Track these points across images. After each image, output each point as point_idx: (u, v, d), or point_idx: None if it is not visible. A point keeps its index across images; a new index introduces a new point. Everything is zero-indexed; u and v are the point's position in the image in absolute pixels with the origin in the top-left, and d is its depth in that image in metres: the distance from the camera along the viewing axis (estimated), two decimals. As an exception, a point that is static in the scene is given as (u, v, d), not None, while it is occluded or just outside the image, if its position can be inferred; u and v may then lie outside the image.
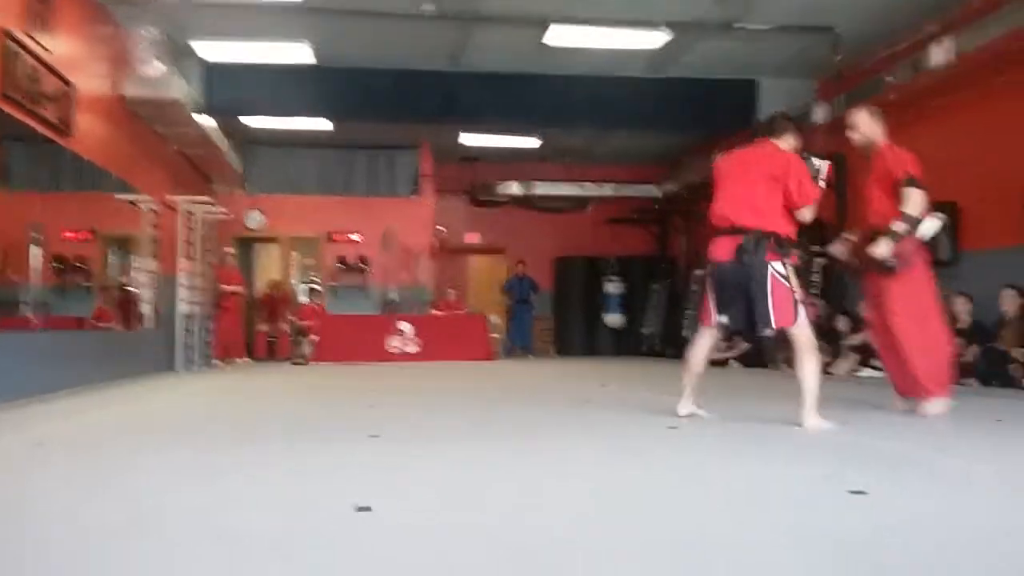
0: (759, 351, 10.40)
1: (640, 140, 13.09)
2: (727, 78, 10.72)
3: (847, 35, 9.25)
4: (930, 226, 4.56)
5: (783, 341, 4.60)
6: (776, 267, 4.13)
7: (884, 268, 4.49)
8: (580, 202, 15.24)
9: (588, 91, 10.68)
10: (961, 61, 7.61)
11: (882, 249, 4.40)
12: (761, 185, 4.21)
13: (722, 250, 4.25)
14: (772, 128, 4.43)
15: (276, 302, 13.48)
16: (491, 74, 10.54)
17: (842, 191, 10.19)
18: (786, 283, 4.12)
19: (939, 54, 7.75)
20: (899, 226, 4.45)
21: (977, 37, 7.33)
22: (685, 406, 4.49)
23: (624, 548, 1.97)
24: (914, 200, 4.47)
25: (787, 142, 4.35)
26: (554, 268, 15.71)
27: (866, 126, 4.84)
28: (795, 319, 4.13)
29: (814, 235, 10.46)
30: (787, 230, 4.20)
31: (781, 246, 4.15)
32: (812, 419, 4.12)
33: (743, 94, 10.85)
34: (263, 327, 13.39)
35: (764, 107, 10.77)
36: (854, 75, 9.51)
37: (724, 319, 4.31)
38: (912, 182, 4.51)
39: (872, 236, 4.51)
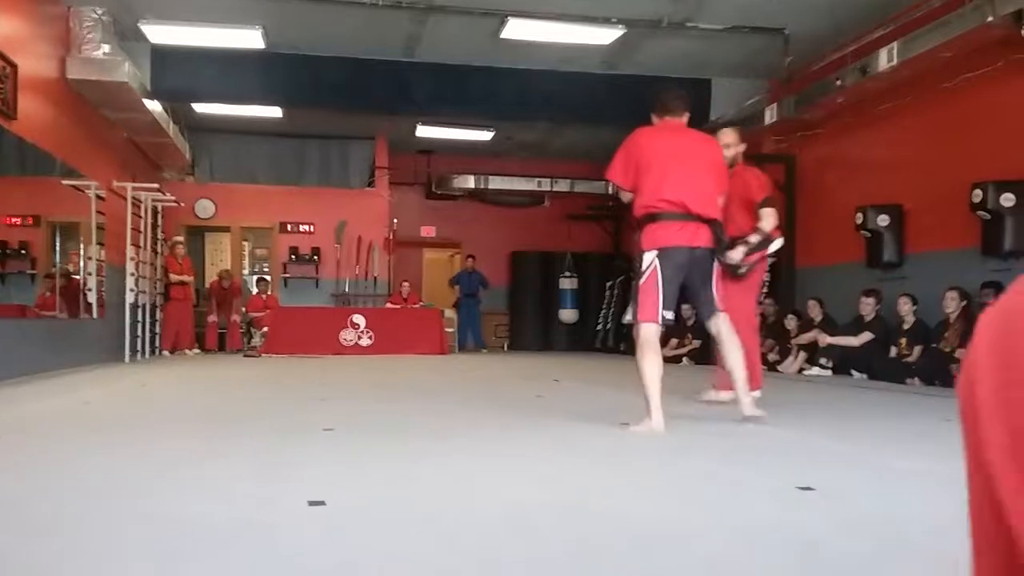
0: (709, 349, 10.54)
1: (595, 136, 13.14)
2: (680, 76, 10.81)
3: (798, 37, 9.40)
4: (776, 243, 5.00)
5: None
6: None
7: (734, 272, 4.73)
8: (537, 197, 15.26)
9: (544, 86, 10.70)
10: (906, 66, 7.78)
11: (736, 255, 4.58)
12: (708, 175, 4.23)
13: (697, 236, 4.11)
14: (687, 107, 4.44)
15: (226, 293, 13.30)
16: (447, 66, 10.49)
17: (791, 192, 10.37)
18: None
19: (885, 59, 7.91)
20: (754, 238, 4.72)
21: (921, 43, 7.50)
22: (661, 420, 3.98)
23: (572, 544, 1.99)
24: (769, 218, 4.78)
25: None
26: (510, 263, 15.73)
27: (736, 145, 5.26)
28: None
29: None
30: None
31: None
32: (749, 405, 4.28)
33: (696, 93, 10.94)
34: (213, 318, 13.19)
35: (717, 106, 10.90)
36: (804, 77, 9.67)
37: (670, 315, 4.11)
38: (768, 201, 4.88)
39: (730, 243, 4.63)
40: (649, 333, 4.04)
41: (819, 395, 6.38)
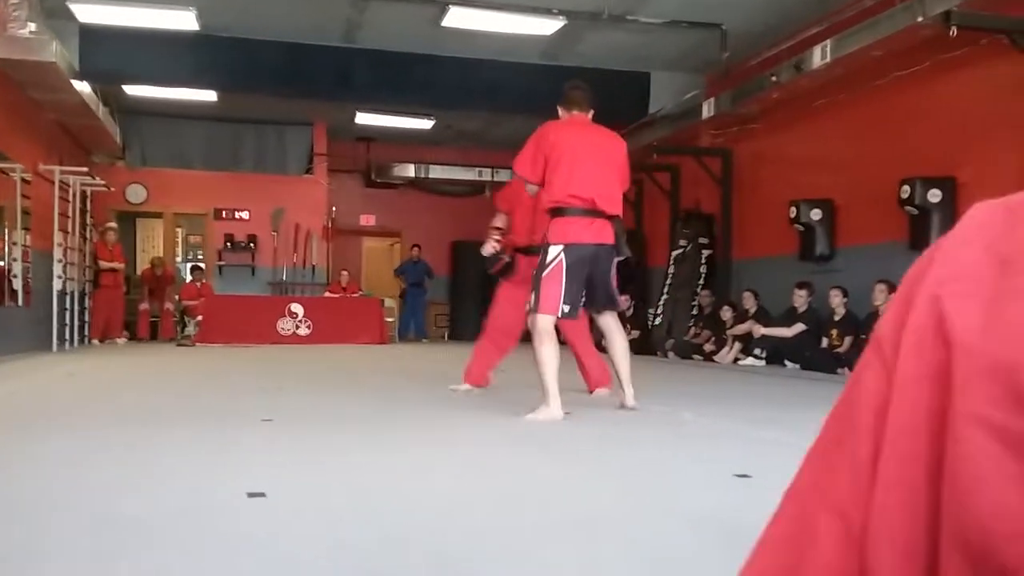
0: (647, 339, 10.68)
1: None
2: (621, 69, 10.90)
3: (735, 33, 9.55)
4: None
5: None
6: None
7: (490, 264, 5.20)
8: (477, 187, 15.22)
9: (484, 75, 10.66)
10: (839, 63, 7.96)
11: (487, 248, 5.05)
12: (614, 172, 4.32)
13: (603, 233, 4.20)
14: (592, 103, 4.49)
15: (159, 280, 12.99)
16: (387, 53, 10.37)
17: (728, 186, 10.55)
18: None
19: (819, 56, 8.08)
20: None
21: (853, 42, 7.68)
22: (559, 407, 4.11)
23: (513, 530, 2.00)
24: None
25: None
26: (451, 252, 15.66)
27: None
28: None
29: (701, 227, 10.82)
30: None
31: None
32: (631, 396, 4.43)
33: (636, 86, 11.05)
34: (145, 306, 12.87)
35: (656, 100, 11.01)
36: (740, 72, 9.83)
37: (567, 308, 4.17)
38: None
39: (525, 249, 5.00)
40: (547, 323, 4.16)
41: (753, 385, 6.52)
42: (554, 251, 4.13)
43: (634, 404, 4.41)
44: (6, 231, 9.01)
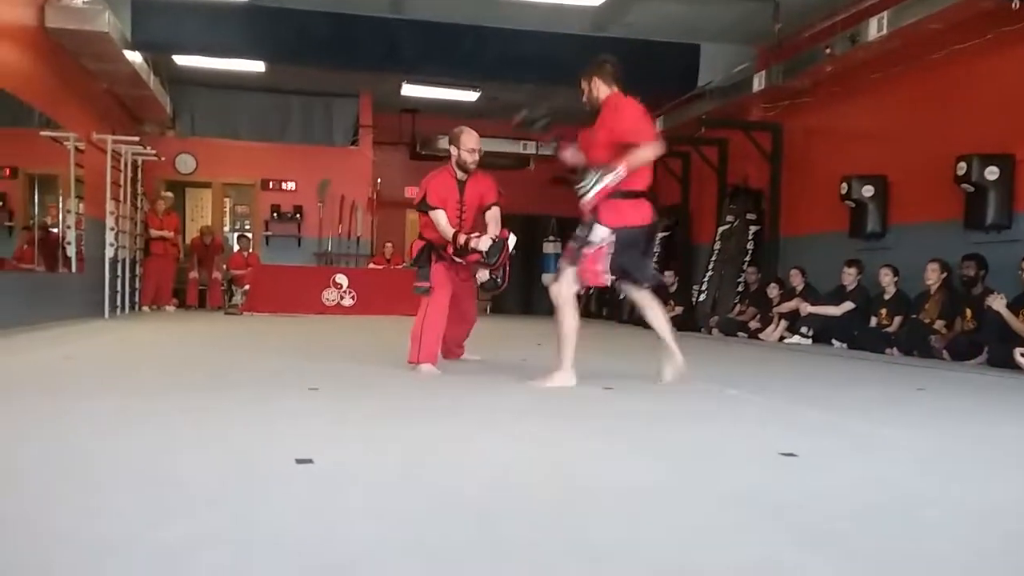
0: (691, 316, 10.59)
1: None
2: (670, 41, 10.73)
3: (788, 4, 9.34)
4: (512, 240, 5.10)
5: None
6: None
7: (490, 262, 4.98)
8: (522, 160, 15.16)
9: (531, 46, 10.57)
10: (896, 36, 7.75)
11: (483, 242, 4.89)
12: None
13: (648, 214, 4.32)
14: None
15: (208, 249, 13.19)
16: (434, 23, 10.34)
17: (777, 161, 10.37)
18: None
19: (875, 28, 7.88)
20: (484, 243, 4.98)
21: (911, 13, 7.47)
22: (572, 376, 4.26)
23: (558, 500, 2.00)
24: (497, 221, 5.15)
25: None
26: (493, 226, 15.64)
27: (480, 150, 5.12)
28: None
29: (748, 203, 10.67)
30: None
31: None
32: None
33: (686, 58, 10.88)
34: (194, 274, 13.10)
35: (705, 72, 10.83)
36: (793, 45, 9.63)
37: (610, 282, 4.33)
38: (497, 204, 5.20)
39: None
40: (572, 293, 4.26)
41: (799, 364, 6.44)
42: (602, 232, 4.18)
43: (680, 359, 4.40)
44: (60, 199, 9.21)
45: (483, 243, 4.88)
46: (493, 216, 5.15)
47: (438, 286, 5.01)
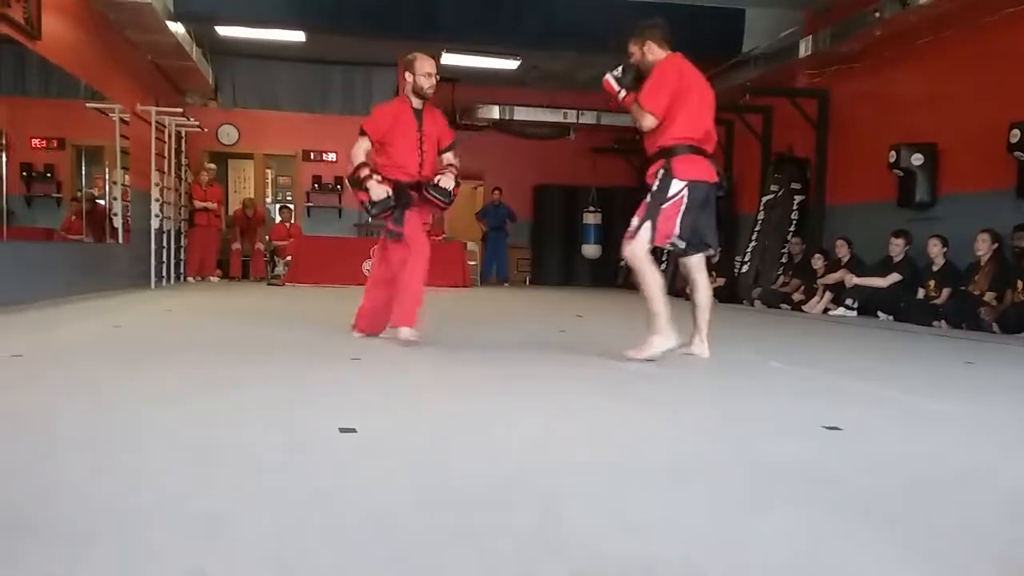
0: (733, 287, 10.48)
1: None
2: (714, 6, 10.53)
3: (838, -33, 9.11)
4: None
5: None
6: None
7: (447, 201, 4.80)
8: (562, 129, 15.05)
9: (572, 14, 10.44)
10: (947, -1, 7.53)
11: (378, 191, 4.58)
12: (712, 112, 4.29)
13: (712, 172, 4.24)
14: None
15: (250, 221, 13.34)
16: (474, -9, 10.27)
17: (824, 128, 10.16)
18: None
19: (927, -9, 7.65)
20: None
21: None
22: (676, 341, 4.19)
23: (598, 472, 1.99)
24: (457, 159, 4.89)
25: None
26: (533, 196, 15.61)
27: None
28: None
29: (793, 172, 10.48)
30: None
31: None
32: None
33: (730, 23, 10.67)
34: (237, 245, 13.26)
35: (750, 37, 10.62)
36: (841, 8, 9.39)
37: (682, 243, 4.26)
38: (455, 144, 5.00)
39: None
40: (646, 251, 4.13)
41: (844, 336, 6.34)
42: (678, 186, 4.12)
43: (707, 355, 4.35)
44: (106, 170, 9.35)
45: (447, 181, 4.67)
46: (453, 158, 4.92)
47: (417, 232, 4.70)
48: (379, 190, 4.59)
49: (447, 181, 4.69)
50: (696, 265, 4.38)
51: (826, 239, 9.76)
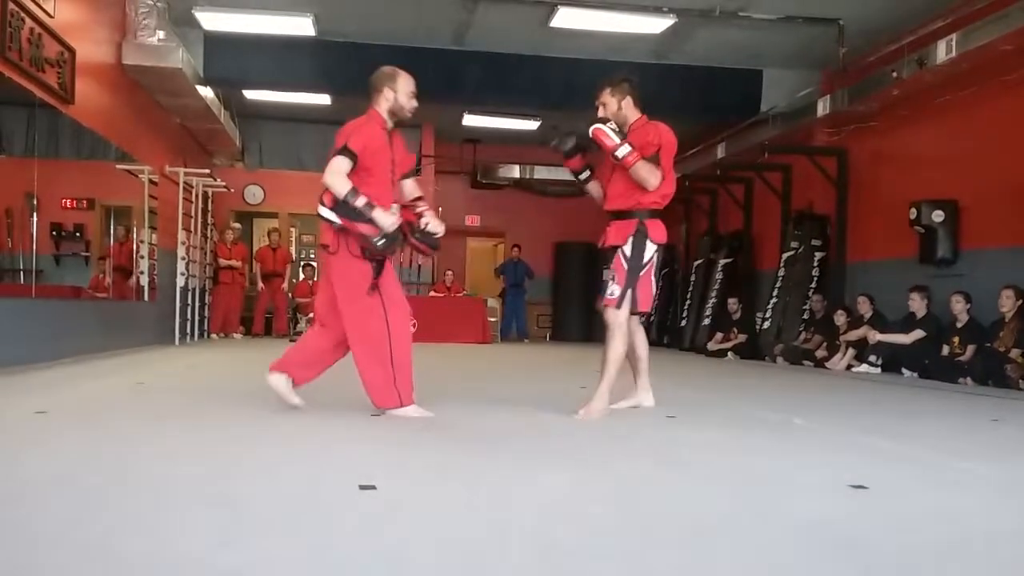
0: (755, 343, 10.42)
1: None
2: (732, 67, 10.68)
3: (853, 28, 9.22)
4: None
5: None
6: None
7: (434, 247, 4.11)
8: (582, 188, 15.16)
9: (592, 75, 10.50)
10: (964, 58, 7.58)
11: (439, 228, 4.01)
12: None
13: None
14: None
15: (275, 259, 13.34)
16: (496, 55, 10.47)
17: (843, 186, 10.19)
18: None
19: (943, 51, 7.72)
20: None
21: (980, 36, 7.30)
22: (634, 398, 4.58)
23: (622, 530, 1.98)
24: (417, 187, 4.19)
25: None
26: (554, 253, 15.68)
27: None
28: None
29: (814, 228, 10.48)
30: None
31: None
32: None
33: (748, 84, 10.80)
34: (261, 286, 13.23)
35: (768, 97, 10.74)
36: (858, 68, 9.49)
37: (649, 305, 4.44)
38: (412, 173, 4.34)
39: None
40: (625, 319, 4.26)
41: (868, 393, 6.28)
42: (652, 249, 4.24)
43: (652, 403, 4.54)
44: (135, 230, 9.52)
45: (436, 225, 3.97)
46: (415, 187, 4.19)
47: (395, 287, 4.05)
48: (388, 218, 3.77)
49: (436, 226, 3.97)
50: (635, 323, 4.49)
51: (847, 295, 9.71)
